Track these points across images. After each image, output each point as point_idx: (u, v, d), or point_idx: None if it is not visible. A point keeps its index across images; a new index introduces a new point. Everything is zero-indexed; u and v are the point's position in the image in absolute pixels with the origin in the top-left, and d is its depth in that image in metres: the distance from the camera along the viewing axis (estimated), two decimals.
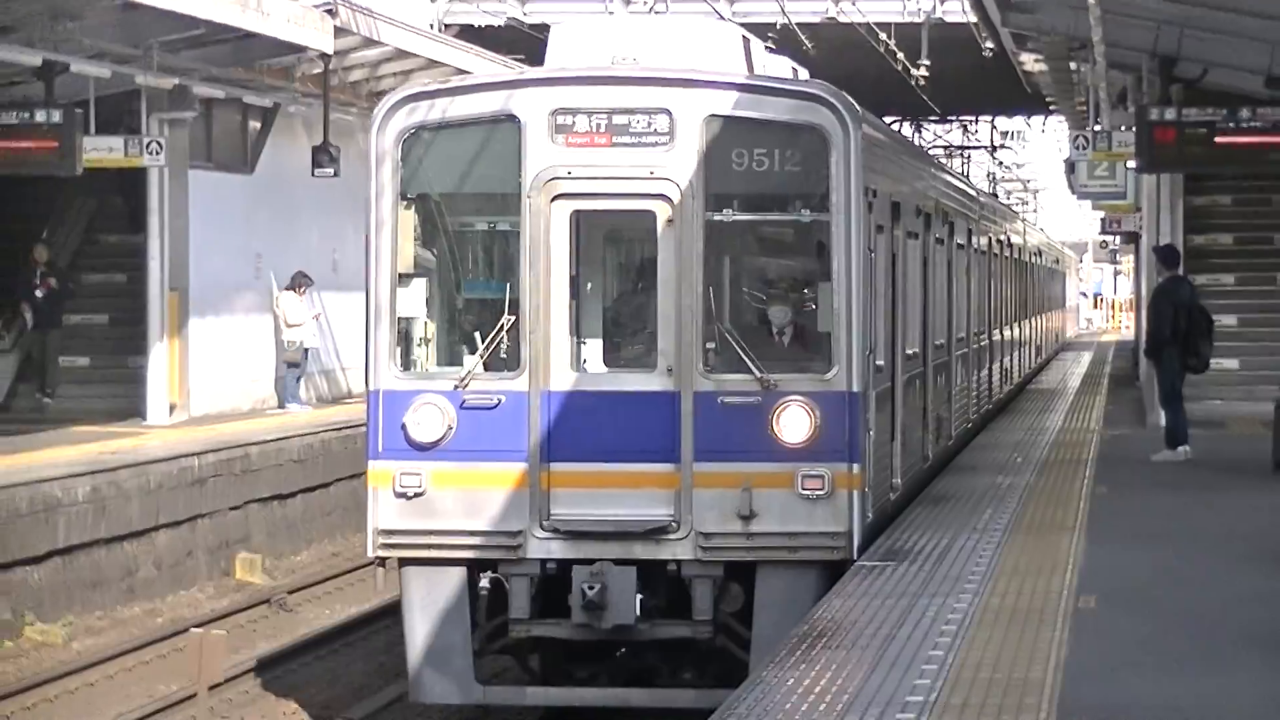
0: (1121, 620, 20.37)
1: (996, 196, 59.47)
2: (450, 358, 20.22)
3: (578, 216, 19.85)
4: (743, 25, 33.65)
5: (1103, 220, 63.61)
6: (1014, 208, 70.96)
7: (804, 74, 27.07)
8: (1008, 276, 52.03)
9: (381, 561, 19.40)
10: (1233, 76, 40.62)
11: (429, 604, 19.20)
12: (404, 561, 19.30)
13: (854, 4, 53.83)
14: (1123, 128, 42.68)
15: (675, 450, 19.11)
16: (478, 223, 21.00)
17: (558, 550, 19.03)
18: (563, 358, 19.60)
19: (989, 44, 50.14)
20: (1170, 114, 38.04)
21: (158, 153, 44.21)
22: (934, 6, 53.81)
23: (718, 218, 19.60)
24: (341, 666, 27.35)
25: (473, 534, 19.24)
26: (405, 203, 19.68)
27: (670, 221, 19.32)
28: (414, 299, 19.78)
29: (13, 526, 30.90)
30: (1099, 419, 47.77)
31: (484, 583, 19.34)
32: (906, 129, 58.71)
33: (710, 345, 19.09)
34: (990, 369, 45.28)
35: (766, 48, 29.19)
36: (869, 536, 20.75)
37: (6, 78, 41.98)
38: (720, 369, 19.30)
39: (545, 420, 19.18)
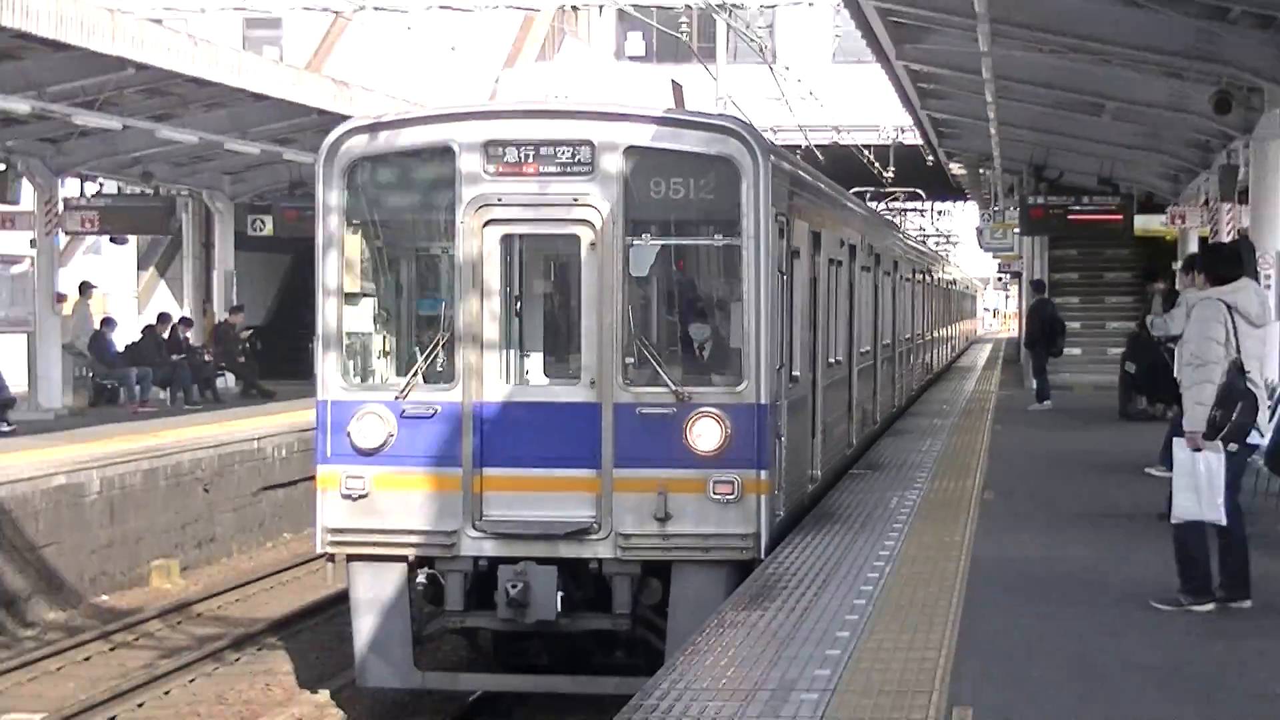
0: (1008, 505, 25.99)
1: (925, 243, 69.96)
2: (393, 371, 20.31)
3: (509, 240, 19.71)
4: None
5: (999, 264, 79.22)
6: (941, 253, 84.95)
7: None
8: (936, 297, 58.85)
9: (330, 558, 19.68)
10: (1077, 177, 51.04)
11: (372, 597, 19.40)
12: (350, 557, 19.64)
13: (849, 134, 66.71)
14: (1011, 208, 56.92)
15: (597, 457, 19.08)
16: (418, 245, 20.81)
17: (489, 549, 19.13)
18: (493, 371, 19.49)
19: (930, 158, 61.57)
20: (1040, 200, 49.58)
21: None
22: (897, 134, 63.79)
23: (636, 242, 19.35)
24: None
25: (412, 533, 19.34)
26: (351, 227, 19.65)
27: (593, 245, 19.06)
28: (360, 316, 19.82)
29: None
30: (995, 384, 58.16)
31: (421, 578, 19.53)
32: (881, 205, 65.65)
33: (629, 360, 19.04)
34: (926, 357, 54.12)
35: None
36: (787, 525, 21.19)
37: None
38: (639, 382, 19.26)
39: (477, 429, 19.29)
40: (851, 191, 45.87)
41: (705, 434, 18.70)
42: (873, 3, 27.09)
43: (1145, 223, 47.68)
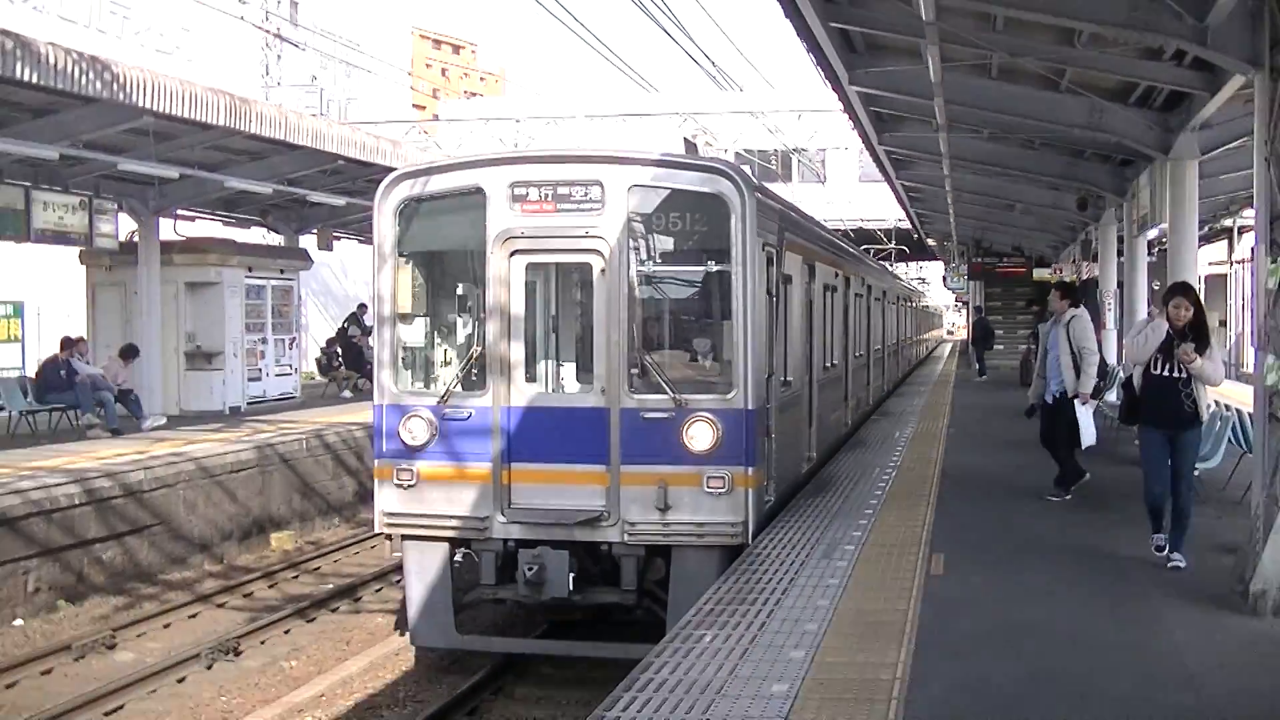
0: (962, 436, 27.24)
1: (910, 282, 69.49)
2: (437, 380, 16.37)
3: (536, 268, 16.12)
4: None
5: (955, 296, 79.06)
6: (920, 289, 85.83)
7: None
8: (912, 316, 58.94)
9: (388, 537, 16.27)
10: (1000, 246, 57.63)
11: (421, 571, 16.02)
12: (404, 537, 16.18)
13: (868, 221, 66.88)
14: (963, 265, 63.74)
15: (607, 454, 15.38)
16: (456, 273, 16.83)
17: (516, 533, 15.46)
18: (519, 380, 15.84)
19: (916, 235, 65.90)
20: (979, 259, 58.29)
21: None
22: (896, 220, 64.10)
23: (640, 270, 15.67)
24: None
25: (451, 518, 15.71)
26: (401, 257, 16.08)
27: (603, 271, 15.51)
28: (409, 333, 16.35)
29: None
30: (953, 369, 59.48)
31: (458, 556, 15.99)
32: (884, 260, 63.23)
33: (634, 371, 15.40)
34: (905, 356, 51.74)
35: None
36: (785, 496, 18.03)
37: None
38: (642, 390, 15.50)
39: (505, 429, 15.65)
40: (865, 251, 49.62)
41: (699, 435, 15.19)
42: (863, 107, 27.71)
43: (1039, 273, 52.49)
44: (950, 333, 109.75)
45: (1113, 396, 22.78)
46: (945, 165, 31.22)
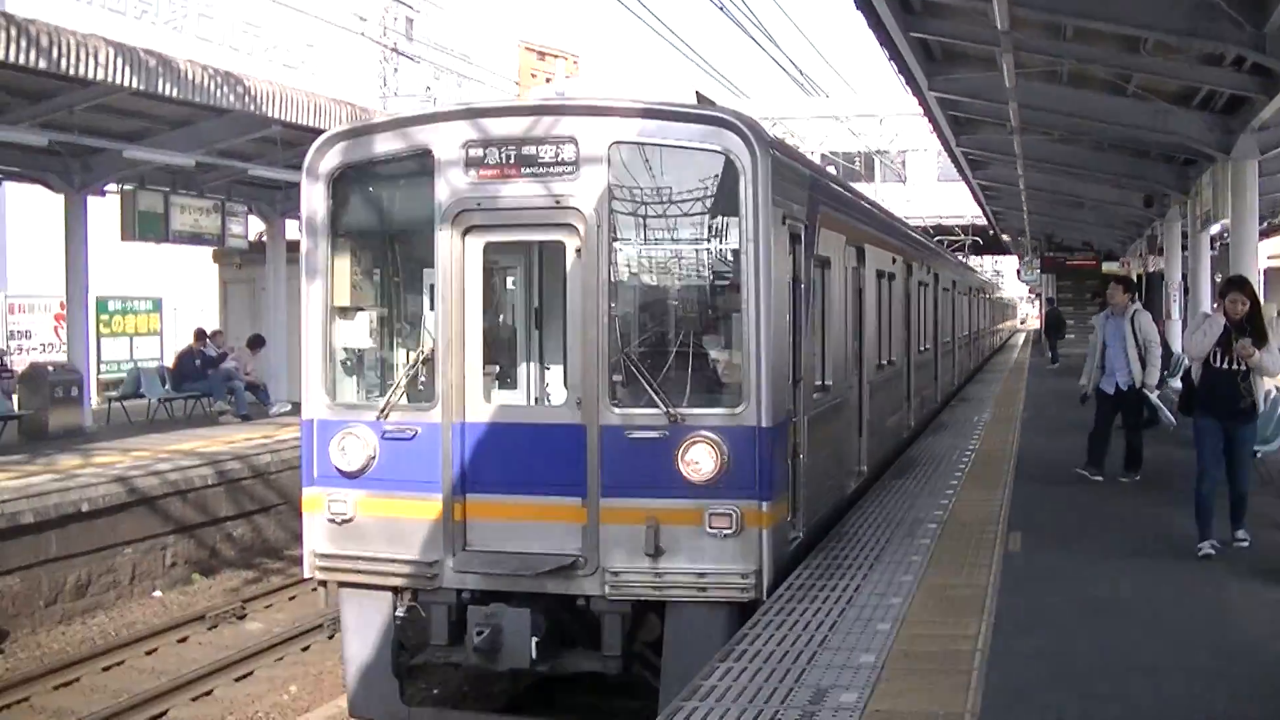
0: (1035, 422, 26.43)
1: (974, 270, 63.73)
2: (379, 389, 12.50)
3: (494, 249, 12.29)
4: None
5: (1029, 288, 77.45)
6: (996, 281, 79.36)
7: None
8: (987, 307, 56.42)
9: (321, 583, 12.41)
10: (1070, 242, 57.59)
11: (360, 627, 12.17)
12: (340, 584, 12.35)
13: (947, 219, 67.06)
14: (1036, 259, 64.38)
15: (583, 484, 11.55)
16: (402, 257, 12.81)
17: (472, 582, 11.66)
18: (476, 390, 12.08)
19: (992, 231, 66.81)
20: (1050, 253, 57.76)
21: None
22: (973, 217, 63.48)
23: (623, 247, 11.76)
24: None
25: (395, 562, 11.86)
26: (336, 238, 12.24)
27: (579, 252, 11.73)
28: (345, 332, 12.43)
29: None
30: (1027, 357, 58.27)
31: (400, 610, 12.09)
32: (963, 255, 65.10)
33: (617, 378, 11.65)
34: (981, 346, 49.29)
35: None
36: (808, 543, 13.45)
37: None
38: (627, 402, 11.66)
39: (459, 452, 11.85)
40: (939, 242, 47.28)
41: (699, 460, 11.33)
42: (944, 114, 27.88)
43: (1108, 267, 53.18)
44: (1023, 323, 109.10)
45: (1177, 383, 21.97)
46: (1019, 165, 31.06)
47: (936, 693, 8.68)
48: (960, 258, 54.24)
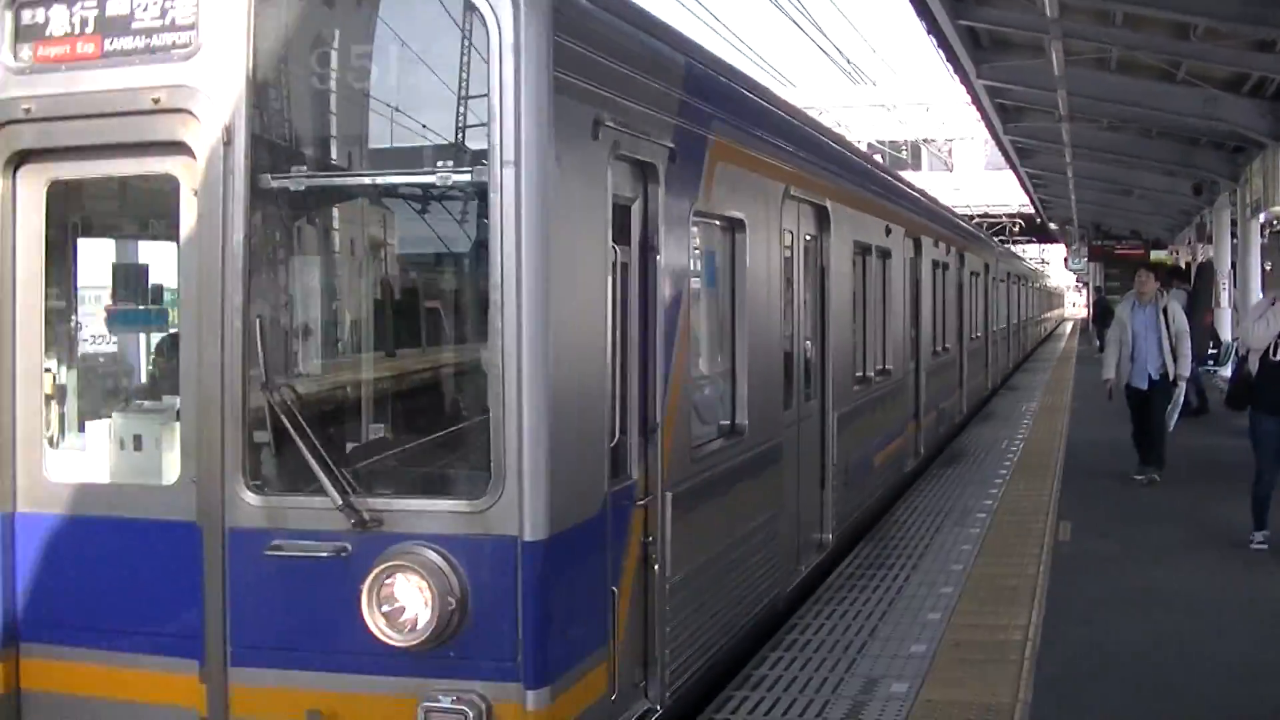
0: (1084, 412, 25.37)
1: (1019, 258, 60.45)
2: None
3: (64, 195, 6.44)
4: None
5: (1077, 276, 76.00)
6: (1043, 270, 78.01)
7: None
8: (1040, 296, 59.06)
9: None
10: (1118, 230, 54.13)
11: None
12: None
13: (993, 207, 65.28)
14: (1083, 247, 60.06)
15: (199, 637, 5.90)
16: None
17: None
18: (32, 452, 6.34)
19: (1039, 219, 64.27)
20: (1098, 241, 54.88)
21: None
22: (1020, 206, 62.85)
23: (279, 183, 5.84)
24: None
25: None
26: None
27: (195, 194, 5.94)
28: None
29: None
30: (1075, 346, 58.44)
31: None
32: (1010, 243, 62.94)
33: (261, 436, 5.97)
34: (1038, 329, 51.96)
35: None
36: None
37: None
38: (278, 485, 5.95)
39: (8, 568, 6.28)
40: (977, 225, 42.62)
41: (405, 603, 5.69)
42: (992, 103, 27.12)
43: (1156, 255, 50.01)
44: (1073, 305, 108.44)
45: (1226, 372, 22.10)
46: (1067, 154, 30.88)
47: (987, 682, 8.64)
48: (1009, 246, 53.56)
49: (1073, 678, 8.90)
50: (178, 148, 6.33)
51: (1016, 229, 70.61)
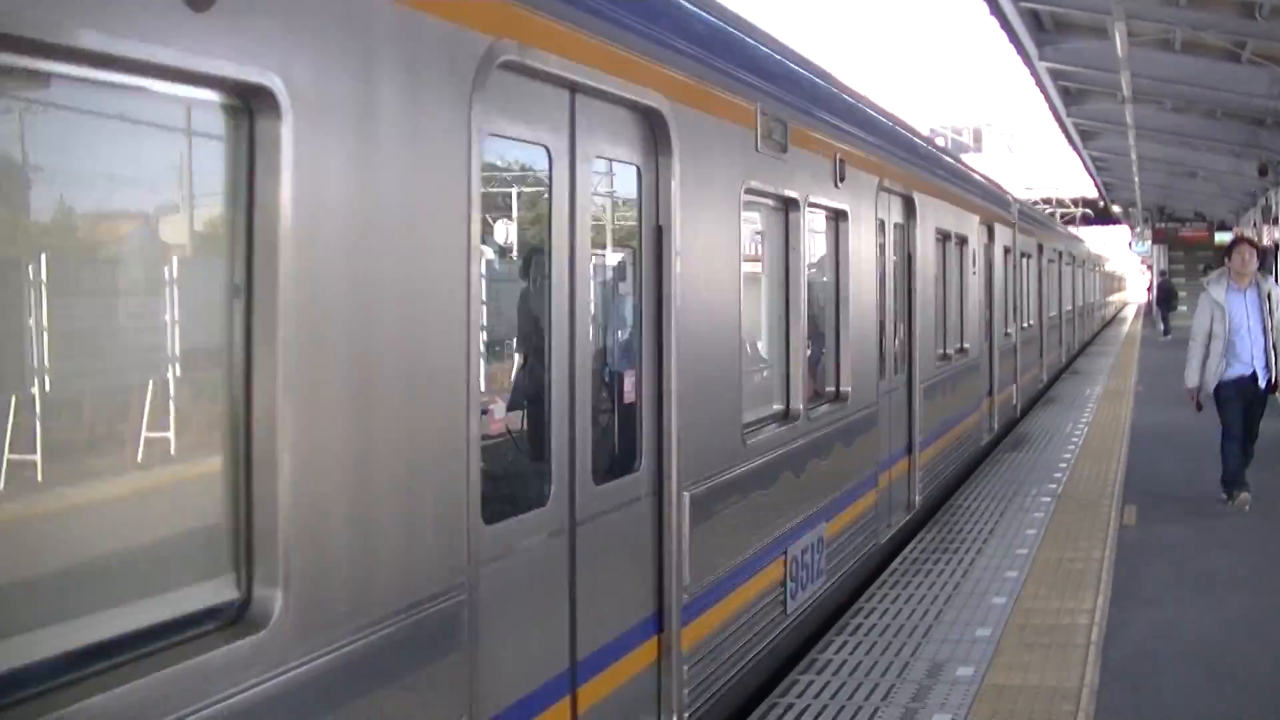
0: (1148, 395, 25.59)
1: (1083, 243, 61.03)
2: None
3: None
4: None
5: (1141, 259, 75.47)
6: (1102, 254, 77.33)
7: None
8: (1108, 279, 62.54)
9: None
10: (1182, 212, 55.01)
11: None
12: None
13: (1053, 192, 67.22)
14: (1147, 230, 61.37)
15: None
16: None
17: None
18: None
19: (1102, 202, 65.54)
20: (1161, 224, 55.64)
21: None
22: (1083, 190, 64.39)
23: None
24: None
25: None
26: None
27: None
28: None
29: None
30: (1139, 330, 57.72)
31: None
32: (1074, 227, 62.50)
33: None
34: (1103, 312, 53.53)
35: None
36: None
37: None
38: None
39: None
40: (1054, 217, 52.10)
41: None
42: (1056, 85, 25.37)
43: (1220, 237, 51.67)
44: (1144, 283, 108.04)
45: None
46: (1130, 135, 30.85)
47: (1053, 667, 8.60)
48: (1072, 229, 53.44)
49: (1140, 662, 8.81)
50: None
51: (1079, 213, 70.54)
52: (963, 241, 15.89)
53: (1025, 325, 20.58)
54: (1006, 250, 19.45)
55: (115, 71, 3.34)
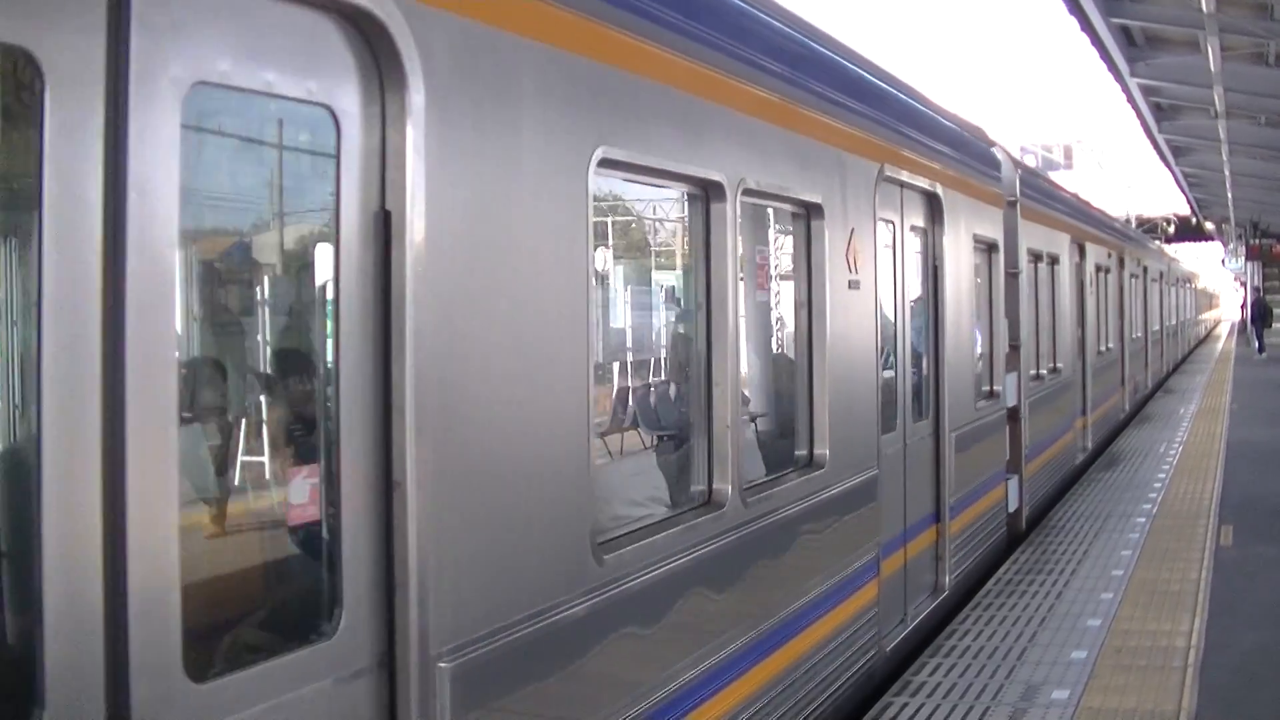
0: (1243, 413, 25.36)
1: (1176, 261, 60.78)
2: None
3: None
4: None
5: (1234, 277, 74.55)
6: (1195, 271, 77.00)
7: None
8: (1198, 296, 61.06)
9: None
10: (1277, 227, 53.44)
11: None
12: None
13: (1145, 209, 66.46)
14: (1241, 247, 57.55)
15: None
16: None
17: None
18: None
19: (1194, 219, 64.94)
20: (1255, 241, 54.01)
21: None
22: (1174, 207, 64.84)
23: None
24: None
25: None
26: None
27: None
28: None
29: None
30: (1232, 347, 56.73)
31: None
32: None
33: None
34: (1197, 330, 54.65)
35: None
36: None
37: None
38: None
39: None
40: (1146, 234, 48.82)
41: None
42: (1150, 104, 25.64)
43: None
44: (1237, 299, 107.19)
45: None
46: (1224, 151, 30.60)
47: (1150, 690, 8.49)
48: (1164, 246, 52.47)
49: (1240, 685, 8.66)
50: None
51: (1172, 229, 69.56)
52: (1054, 261, 15.67)
53: (1108, 348, 19.92)
54: (1099, 269, 19.14)
55: None
